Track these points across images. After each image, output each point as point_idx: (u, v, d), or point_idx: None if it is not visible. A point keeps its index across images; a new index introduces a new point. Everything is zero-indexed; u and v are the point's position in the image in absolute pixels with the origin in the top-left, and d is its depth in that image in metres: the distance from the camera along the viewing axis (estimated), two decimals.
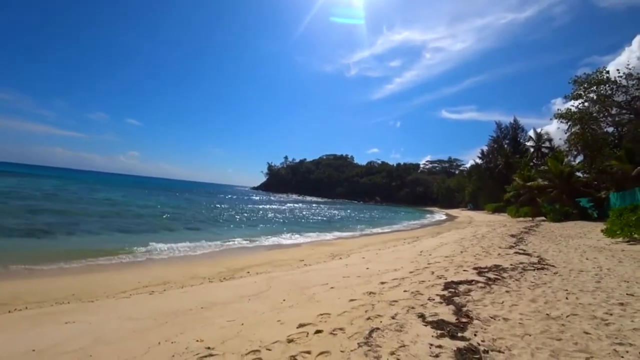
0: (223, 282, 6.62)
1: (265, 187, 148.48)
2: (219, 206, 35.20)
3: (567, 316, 3.69)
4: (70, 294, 5.69)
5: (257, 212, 31.20)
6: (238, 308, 4.48)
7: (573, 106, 24.13)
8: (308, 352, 2.88)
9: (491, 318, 3.55)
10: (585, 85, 22.85)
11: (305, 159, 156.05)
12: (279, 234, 16.33)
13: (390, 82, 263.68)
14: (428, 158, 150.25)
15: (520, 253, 8.32)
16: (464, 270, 6.00)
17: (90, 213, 18.05)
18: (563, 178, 24.96)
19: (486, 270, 6.02)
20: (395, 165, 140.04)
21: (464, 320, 3.44)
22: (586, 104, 23.36)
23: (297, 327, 3.48)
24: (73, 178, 76.59)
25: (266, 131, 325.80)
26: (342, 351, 2.84)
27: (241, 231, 17.00)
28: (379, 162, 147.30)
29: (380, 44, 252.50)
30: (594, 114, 23.45)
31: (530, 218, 27.41)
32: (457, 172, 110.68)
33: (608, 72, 22.27)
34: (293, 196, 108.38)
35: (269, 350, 2.95)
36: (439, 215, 52.76)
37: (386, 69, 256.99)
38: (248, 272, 7.65)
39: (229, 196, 68.77)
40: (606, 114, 23.18)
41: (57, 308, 4.85)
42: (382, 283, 5.14)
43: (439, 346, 2.83)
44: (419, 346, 2.84)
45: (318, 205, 62.38)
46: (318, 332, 3.29)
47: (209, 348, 3.04)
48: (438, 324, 3.31)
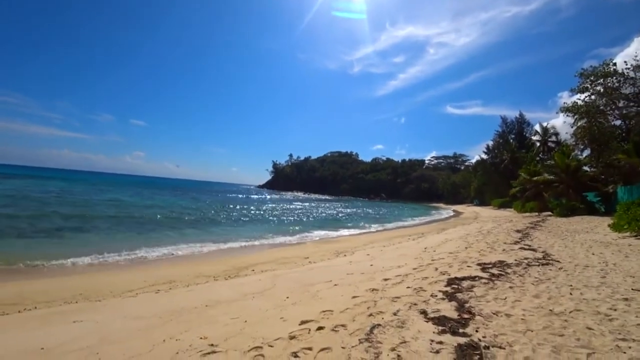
0: (228, 281, 6.68)
1: (270, 185, 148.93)
2: (225, 205, 35.45)
3: (571, 312, 3.67)
4: (78, 294, 5.79)
5: (262, 210, 31.37)
6: (242, 306, 4.52)
7: (579, 99, 23.91)
8: (309, 349, 2.92)
9: (493, 314, 3.55)
10: (591, 78, 22.61)
11: (310, 157, 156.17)
12: (284, 232, 16.42)
13: (394, 78, 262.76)
14: (433, 154, 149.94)
15: (525, 248, 8.27)
16: (468, 266, 5.99)
17: (97, 214, 18.29)
18: (570, 172, 24.70)
19: (490, 266, 6.00)
20: (400, 161, 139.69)
21: (466, 316, 3.45)
22: (593, 97, 23.13)
23: (300, 324, 3.51)
24: (79, 179, 77.34)
25: (270, 130, 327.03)
26: (343, 347, 2.87)
27: (246, 229, 17.14)
28: (384, 159, 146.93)
29: (383, 40, 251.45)
30: (601, 107, 23.20)
31: (536, 213, 27.20)
32: (463, 168, 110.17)
33: (615, 64, 21.99)
34: (298, 194, 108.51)
35: (271, 346, 2.99)
36: (445, 211, 52.52)
37: (390, 65, 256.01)
38: (253, 270, 7.72)
39: (234, 195, 69.22)
40: (613, 107, 22.90)
41: (66, 307, 4.93)
42: (385, 280, 5.15)
43: (440, 342, 2.85)
44: (420, 342, 2.86)
45: (323, 202, 62.47)
46: (320, 329, 3.32)
47: (212, 345, 3.08)
48: (440, 320, 3.32)
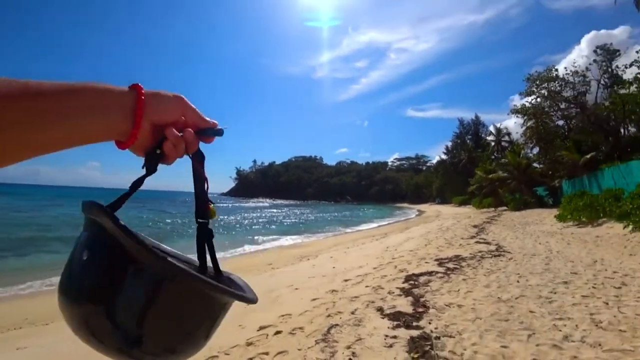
0: None
1: (234, 193, 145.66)
2: (188, 215, 33.84)
3: (516, 298, 3.91)
4: (23, 319, 5.36)
5: (225, 219, 30.37)
6: None
7: (527, 102, 25.70)
8: (266, 353, 2.90)
9: (446, 306, 3.71)
10: (537, 82, 24.39)
11: (274, 162, 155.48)
12: (248, 240, 16.00)
13: (356, 83, 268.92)
14: (396, 156, 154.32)
15: (480, 242, 8.69)
16: (426, 262, 6.19)
17: (43, 230, 17.02)
18: (521, 169, 26.49)
19: (447, 260, 6.23)
20: (364, 164, 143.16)
21: (421, 310, 3.57)
22: (539, 100, 24.95)
23: (258, 330, 3.48)
24: (21, 193, 71.80)
25: (232, 135, 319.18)
26: (299, 349, 2.88)
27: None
28: (348, 162, 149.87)
29: (346, 45, 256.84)
30: (546, 109, 25.06)
31: (493, 208, 28.75)
32: (425, 168, 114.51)
33: (557, 70, 23.93)
34: (264, 200, 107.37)
35: (227, 354, 2.94)
36: (408, 210, 54.12)
37: (352, 70, 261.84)
38: None
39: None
40: (556, 109, 24.82)
41: (9, 334, 4.57)
42: (346, 280, 5.20)
43: (394, 336, 2.93)
44: (375, 338, 2.92)
45: (289, 208, 62.03)
46: (277, 333, 3.31)
47: None
48: (395, 316, 3.41)
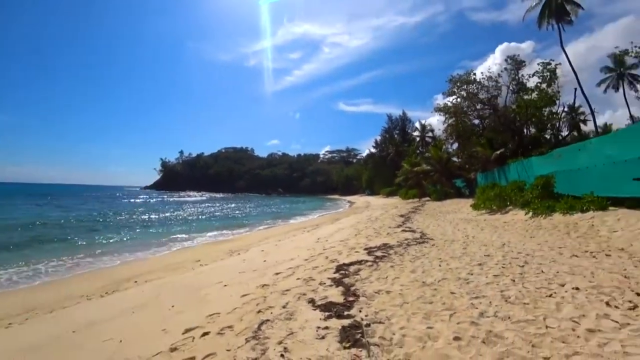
0: (105, 298, 5.83)
1: (159, 186, 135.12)
2: (103, 212, 29.63)
3: (439, 281, 4.17)
4: None
5: (149, 215, 27.51)
6: (120, 324, 3.98)
7: (449, 101, 27.96)
8: (192, 358, 2.69)
9: (376, 293, 3.81)
10: (458, 84, 26.61)
11: (202, 153, 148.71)
12: (174, 236, 14.86)
13: (289, 74, 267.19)
14: (327, 148, 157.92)
15: (406, 231, 9.21)
16: (356, 251, 6.33)
17: None
18: (442, 163, 28.88)
19: (375, 249, 6.45)
20: (296, 156, 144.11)
21: (351, 299, 3.62)
22: (459, 100, 27.24)
23: (183, 333, 3.23)
24: None
25: (157, 125, 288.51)
26: (229, 350, 2.71)
27: (131, 237, 14.95)
28: (280, 154, 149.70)
29: (280, 35, 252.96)
30: (465, 109, 27.48)
31: (417, 199, 30.95)
32: (355, 161, 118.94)
33: (475, 74, 26.37)
34: (191, 193, 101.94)
35: None
36: (339, 202, 55.77)
37: (286, 61, 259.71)
38: (136, 282, 6.88)
39: (115, 200, 58.18)
40: (473, 109, 27.34)
41: None
42: (277, 274, 5.10)
43: (326, 327, 2.91)
44: (307, 331, 2.87)
45: (219, 201, 59.74)
46: (205, 335, 3.10)
47: None
48: (326, 307, 3.40)
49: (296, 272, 5.09)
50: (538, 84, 23.54)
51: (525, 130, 24.76)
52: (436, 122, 50.69)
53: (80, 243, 13.07)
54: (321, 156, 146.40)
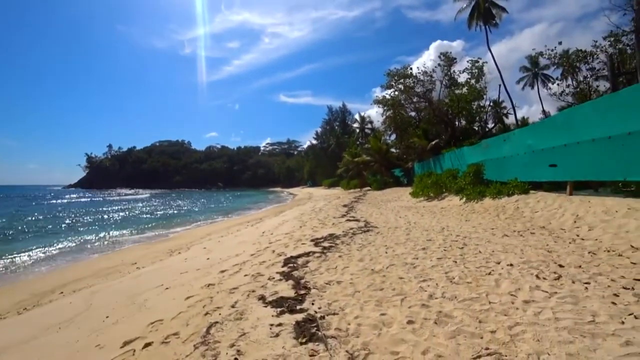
0: (22, 315, 5.07)
1: (85, 184, 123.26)
2: (17, 216, 26.01)
3: (387, 267, 4.27)
4: None
5: (73, 216, 24.60)
6: (42, 344, 3.47)
7: (387, 94, 29.06)
8: None
9: (326, 284, 3.78)
10: (395, 77, 27.70)
11: (134, 147, 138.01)
12: (105, 240, 13.49)
13: (228, 64, 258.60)
14: (268, 140, 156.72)
15: (350, 220, 9.36)
16: (302, 243, 6.26)
17: None
18: (381, 153, 30.10)
19: (322, 240, 6.45)
20: (235, 149, 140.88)
21: (302, 292, 3.54)
22: (396, 93, 28.43)
23: (122, 347, 2.89)
24: None
25: (78, 117, 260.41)
26: None
27: (50, 243, 13.07)
28: (219, 147, 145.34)
29: (218, 23, 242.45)
30: (402, 101, 28.79)
31: (359, 189, 31.95)
32: (296, 153, 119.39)
33: (412, 69, 27.66)
34: (122, 190, 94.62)
35: None
36: (282, 194, 55.60)
37: (224, 50, 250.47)
38: (62, 293, 6.11)
39: (29, 201, 49.21)
40: (410, 102, 28.76)
41: None
42: (223, 272, 4.84)
43: (279, 324, 2.80)
44: (260, 330, 2.74)
45: (154, 198, 55.95)
46: (147, 346, 2.80)
47: None
48: (278, 302, 3.29)
49: (243, 269, 4.87)
50: (468, 80, 25.55)
51: (457, 122, 26.72)
52: (375, 114, 52.83)
53: None
54: (262, 149, 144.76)
